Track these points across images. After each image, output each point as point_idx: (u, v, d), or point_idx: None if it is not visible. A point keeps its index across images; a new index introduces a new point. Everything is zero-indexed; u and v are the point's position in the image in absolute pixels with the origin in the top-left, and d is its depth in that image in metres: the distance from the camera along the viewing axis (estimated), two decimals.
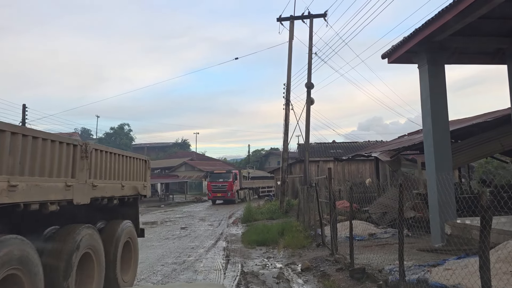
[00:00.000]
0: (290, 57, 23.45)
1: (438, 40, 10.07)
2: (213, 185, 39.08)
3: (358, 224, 13.18)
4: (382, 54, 11.45)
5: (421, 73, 10.76)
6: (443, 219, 10.02)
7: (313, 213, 14.64)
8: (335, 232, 10.31)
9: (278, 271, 9.52)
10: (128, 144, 74.84)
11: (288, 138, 23.68)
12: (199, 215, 27.17)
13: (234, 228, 19.35)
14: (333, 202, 10.30)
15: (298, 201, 19.51)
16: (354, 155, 16.57)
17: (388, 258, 9.54)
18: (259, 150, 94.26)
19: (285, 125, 23.74)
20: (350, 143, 33.13)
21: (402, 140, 17.22)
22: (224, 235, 16.65)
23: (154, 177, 48.17)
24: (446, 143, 10.21)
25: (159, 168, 62.38)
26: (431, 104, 10.24)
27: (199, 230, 18.78)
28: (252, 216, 21.64)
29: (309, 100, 23.25)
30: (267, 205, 25.44)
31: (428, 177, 10.42)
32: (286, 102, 23.71)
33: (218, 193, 38.57)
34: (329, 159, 29.13)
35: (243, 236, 15.76)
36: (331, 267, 9.09)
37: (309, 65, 23.35)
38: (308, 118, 23.13)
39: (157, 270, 9.89)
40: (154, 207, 36.93)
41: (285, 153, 23.91)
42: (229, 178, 39.20)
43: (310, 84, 23.16)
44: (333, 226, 10.24)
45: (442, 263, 8.36)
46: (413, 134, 18.82)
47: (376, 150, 16.03)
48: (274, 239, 14.10)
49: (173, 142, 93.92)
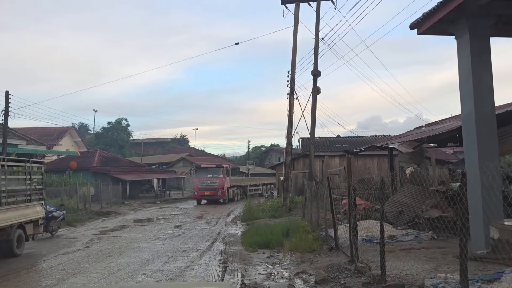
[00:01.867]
0: (295, 42, 21.64)
1: (482, 4, 8.26)
2: (200, 182, 32.90)
3: (374, 224, 11.39)
4: (411, 24, 9.62)
5: (459, 46, 8.94)
6: (487, 221, 8.23)
7: (324, 212, 12.86)
8: (355, 235, 8.52)
9: (287, 283, 7.73)
10: (126, 139, 72.76)
11: (292, 130, 21.91)
12: (195, 212, 25.36)
13: (233, 227, 17.56)
14: (353, 198, 8.51)
15: (303, 198, 17.73)
16: (368, 147, 14.83)
17: (424, 268, 7.78)
18: (258, 146, 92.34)
19: (289, 115, 21.93)
20: (356, 138, 31.33)
21: (421, 130, 15.42)
22: (221, 235, 14.87)
23: (150, 173, 46.33)
24: (492, 128, 8.41)
25: (156, 164, 60.56)
26: (474, 82, 8.43)
27: (194, 229, 17.00)
28: (252, 214, 19.85)
29: (315, 88, 21.43)
30: (268, 203, 23.64)
31: (468, 168, 8.61)
32: (290, 91, 21.89)
33: (206, 191, 32.58)
34: (335, 154, 27.33)
35: (243, 237, 13.97)
36: (354, 280, 7.29)
37: (316, 51, 21.51)
38: (314, 108, 21.32)
39: (137, 281, 8.09)
40: (150, 203, 35.16)
41: (289, 146, 22.12)
42: (220, 174, 33.37)
43: (317, 72, 21.33)
44: (353, 227, 8.44)
45: (498, 277, 6.59)
46: (431, 125, 17.04)
47: (393, 141, 14.22)
48: (279, 241, 12.29)
49: (172, 138, 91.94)
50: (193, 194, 34.60)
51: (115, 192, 34.35)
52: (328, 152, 27.35)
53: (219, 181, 32.68)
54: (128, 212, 27.00)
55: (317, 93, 21.53)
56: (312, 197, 15.59)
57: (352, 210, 8.54)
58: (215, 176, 33.02)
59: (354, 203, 8.49)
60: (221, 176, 33.06)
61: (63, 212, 16.71)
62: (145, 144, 77.52)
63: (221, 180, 32.85)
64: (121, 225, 19.21)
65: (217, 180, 32.70)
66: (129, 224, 19.35)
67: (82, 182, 31.71)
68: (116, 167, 41.00)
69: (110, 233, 16.23)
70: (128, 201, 35.30)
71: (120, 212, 26.73)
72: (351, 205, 8.51)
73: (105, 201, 30.80)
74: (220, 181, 32.77)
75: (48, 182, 29.00)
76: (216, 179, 32.82)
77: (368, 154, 26.69)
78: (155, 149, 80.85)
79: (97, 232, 16.72)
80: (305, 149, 28.81)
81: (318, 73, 21.30)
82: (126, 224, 19.60)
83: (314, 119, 21.29)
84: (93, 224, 20.15)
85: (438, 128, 12.72)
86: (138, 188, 42.45)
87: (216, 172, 33.72)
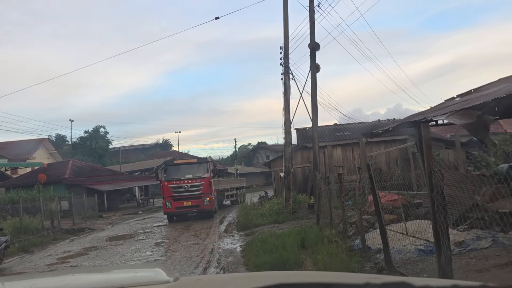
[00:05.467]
0: (287, 10, 18.13)
1: None
2: (175, 186, 21.67)
3: (424, 225, 8.00)
4: None
5: None
6: None
7: (358, 210, 9.36)
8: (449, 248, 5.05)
9: None
10: (105, 148, 68.58)
11: (290, 116, 18.39)
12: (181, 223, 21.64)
13: (229, 240, 13.95)
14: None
15: (316, 196, 14.23)
16: (397, 125, 11.51)
17: None
18: (245, 145, 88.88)
19: (285, 100, 18.43)
20: (358, 124, 27.87)
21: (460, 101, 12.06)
22: (215, 255, 11.24)
23: (131, 180, 42.41)
24: None
25: (138, 171, 56.56)
26: None
27: (180, 246, 13.37)
28: (250, 221, 16.27)
29: (314, 65, 17.96)
30: (267, 205, 20.06)
31: None
32: (284, 70, 18.37)
33: (186, 200, 21.42)
34: (337, 143, 23.90)
35: (245, 256, 10.41)
36: None
37: (311, 20, 18.04)
38: (314, 88, 17.82)
39: None
40: (131, 214, 31.37)
41: (288, 135, 18.62)
42: (203, 172, 22.26)
43: (315, 45, 17.86)
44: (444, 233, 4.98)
45: None
46: (465, 95, 13.72)
47: (433, 114, 10.81)
48: (297, 259, 8.75)
49: (154, 143, 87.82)
50: (163, 206, 22.33)
51: (91, 204, 30.51)
52: (330, 141, 23.91)
53: (204, 184, 21.73)
54: (104, 227, 23.23)
55: (316, 70, 18.06)
56: (330, 194, 12.12)
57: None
58: (197, 176, 21.96)
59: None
60: (207, 176, 22.04)
61: (6, 238, 12.92)
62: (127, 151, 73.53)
63: (207, 182, 21.87)
64: (89, 246, 15.48)
65: (201, 183, 21.69)
66: (99, 245, 15.63)
67: (54, 196, 27.91)
68: (92, 177, 37.09)
69: (69, 261, 12.50)
70: (106, 213, 31.46)
71: (95, 227, 22.94)
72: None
73: (79, 215, 26.96)
74: (206, 183, 21.79)
75: (15, 199, 25.26)
76: (200, 180, 21.77)
77: (374, 141, 23.37)
78: (137, 155, 76.97)
79: (54, 260, 12.95)
80: (302, 141, 25.31)
81: (316, 46, 17.84)
82: (97, 244, 15.87)
83: (316, 100, 17.83)
84: (56, 247, 16.39)
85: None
86: (118, 198, 38.59)
87: (199, 170, 22.42)
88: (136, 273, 1.63)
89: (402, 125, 11.55)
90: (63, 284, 1.43)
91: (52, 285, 1.45)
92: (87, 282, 1.53)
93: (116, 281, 1.41)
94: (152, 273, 1.51)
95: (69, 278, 1.64)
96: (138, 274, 1.58)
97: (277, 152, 49.53)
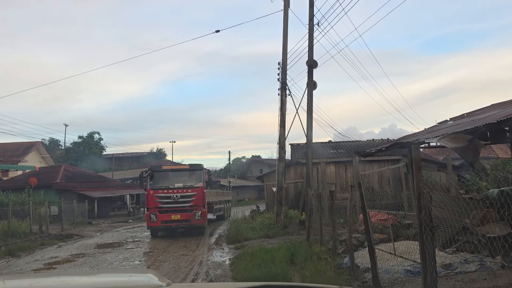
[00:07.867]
0: (286, 28, 18.39)
1: None
2: (161, 196, 18.75)
3: (412, 246, 8.11)
4: None
5: None
6: None
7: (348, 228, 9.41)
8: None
9: None
10: (98, 154, 68.39)
11: (285, 132, 18.51)
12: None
13: (218, 253, 13.91)
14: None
15: (307, 212, 14.28)
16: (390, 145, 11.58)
17: None
18: (239, 158, 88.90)
19: (281, 115, 18.58)
20: (352, 142, 28.07)
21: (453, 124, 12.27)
22: (204, 267, 11.20)
23: (122, 188, 42.17)
24: None
25: (131, 179, 56.26)
26: None
27: (168, 256, 13.32)
28: (241, 234, 16.23)
29: (311, 82, 18.16)
30: (258, 219, 20.05)
31: None
32: (281, 86, 18.55)
33: (174, 213, 18.52)
34: (331, 161, 24.01)
35: (234, 269, 10.40)
36: None
37: (310, 38, 18.30)
38: (310, 105, 17.98)
39: None
40: (121, 222, 31.17)
41: (282, 150, 18.71)
42: (196, 181, 19.38)
43: (313, 62, 18.08)
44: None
45: None
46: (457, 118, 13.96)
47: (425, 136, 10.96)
48: (285, 274, 8.76)
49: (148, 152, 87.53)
50: (147, 219, 19.15)
51: (81, 210, 30.33)
52: (324, 158, 24.01)
53: (197, 195, 18.78)
54: (93, 234, 23.06)
55: (313, 87, 18.25)
56: (321, 210, 12.18)
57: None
58: (188, 185, 19.05)
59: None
60: (200, 186, 19.12)
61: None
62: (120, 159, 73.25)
63: (200, 192, 18.92)
64: (77, 253, 15.36)
65: (192, 193, 18.80)
66: (87, 252, 15.51)
67: (44, 200, 27.74)
68: (84, 183, 36.90)
69: (56, 267, 12.40)
70: (96, 220, 31.24)
71: (83, 234, 22.76)
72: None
73: (68, 221, 26.76)
74: (199, 194, 18.86)
75: (5, 201, 25.06)
76: (192, 190, 18.85)
77: (367, 160, 23.51)
78: (131, 163, 76.61)
79: (40, 265, 12.83)
80: (296, 156, 25.42)
81: (314, 64, 18.05)
82: (85, 251, 15.75)
83: (311, 117, 17.96)
84: (44, 252, 16.23)
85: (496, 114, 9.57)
86: (109, 205, 38.33)
87: (190, 178, 19.52)
88: (130, 277, 1.69)
89: (395, 146, 11.69)
90: (62, 284, 1.47)
91: (52, 285, 1.50)
92: (85, 283, 1.58)
93: (111, 283, 1.47)
94: (145, 277, 1.56)
95: (68, 279, 1.69)
96: (132, 278, 1.63)
97: (271, 166, 49.60)
